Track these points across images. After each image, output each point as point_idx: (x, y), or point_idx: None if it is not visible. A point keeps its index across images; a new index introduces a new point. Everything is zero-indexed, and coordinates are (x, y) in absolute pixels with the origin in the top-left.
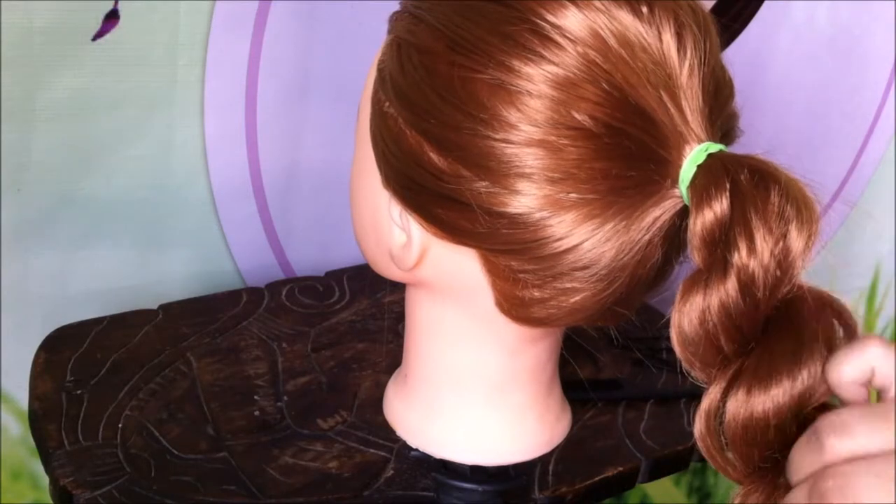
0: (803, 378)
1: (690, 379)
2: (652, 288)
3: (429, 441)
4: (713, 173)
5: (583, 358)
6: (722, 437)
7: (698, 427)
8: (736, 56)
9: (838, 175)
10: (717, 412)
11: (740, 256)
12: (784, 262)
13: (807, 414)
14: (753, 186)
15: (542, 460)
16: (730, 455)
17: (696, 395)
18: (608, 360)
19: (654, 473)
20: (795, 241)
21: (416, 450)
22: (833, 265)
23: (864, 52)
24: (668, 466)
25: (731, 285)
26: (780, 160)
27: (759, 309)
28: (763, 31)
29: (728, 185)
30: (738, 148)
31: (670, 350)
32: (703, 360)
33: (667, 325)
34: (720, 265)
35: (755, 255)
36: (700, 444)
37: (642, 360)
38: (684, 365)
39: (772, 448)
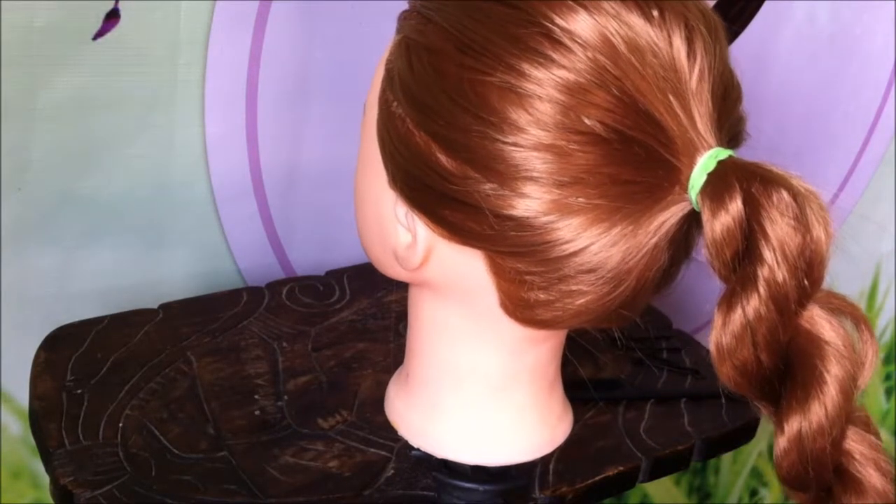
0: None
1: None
2: (657, 291)
3: (430, 440)
4: (724, 180)
5: (583, 357)
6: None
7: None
8: (737, 56)
9: (838, 175)
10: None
11: (769, 267)
12: (811, 265)
13: None
14: (766, 193)
15: (543, 460)
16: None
17: (696, 395)
18: (609, 360)
19: (655, 473)
20: (817, 242)
21: (417, 449)
22: (833, 265)
23: (865, 52)
24: (669, 466)
25: (765, 296)
26: (780, 160)
27: (793, 316)
28: (763, 31)
29: (740, 192)
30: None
31: (671, 350)
32: (743, 373)
33: (669, 327)
34: (750, 279)
35: (781, 263)
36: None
37: (642, 359)
38: (725, 382)
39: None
